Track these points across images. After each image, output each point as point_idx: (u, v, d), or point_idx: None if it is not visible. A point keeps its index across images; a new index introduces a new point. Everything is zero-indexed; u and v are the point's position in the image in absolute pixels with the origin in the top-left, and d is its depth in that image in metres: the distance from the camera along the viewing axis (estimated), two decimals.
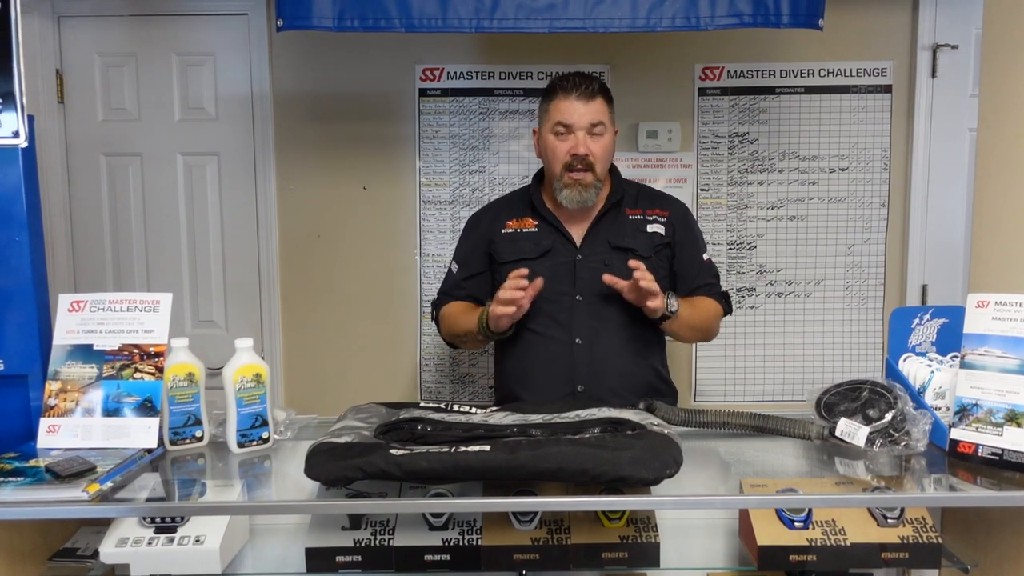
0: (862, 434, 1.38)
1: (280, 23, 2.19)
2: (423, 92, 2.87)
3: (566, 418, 1.41)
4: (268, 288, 2.93)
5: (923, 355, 1.58)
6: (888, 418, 1.38)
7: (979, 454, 1.31)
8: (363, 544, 1.35)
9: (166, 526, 1.34)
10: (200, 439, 1.49)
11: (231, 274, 2.96)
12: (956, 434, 1.34)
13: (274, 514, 1.49)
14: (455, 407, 1.48)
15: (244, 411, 1.46)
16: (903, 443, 1.36)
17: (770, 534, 1.33)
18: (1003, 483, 1.27)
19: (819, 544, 1.32)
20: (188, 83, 2.88)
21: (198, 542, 1.32)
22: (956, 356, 1.46)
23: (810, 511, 1.35)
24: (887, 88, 2.85)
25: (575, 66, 2.12)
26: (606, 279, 1.80)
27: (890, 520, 1.34)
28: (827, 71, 2.84)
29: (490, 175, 2.90)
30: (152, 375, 1.44)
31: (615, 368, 1.92)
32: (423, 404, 1.51)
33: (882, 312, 2.92)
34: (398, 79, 2.86)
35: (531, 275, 1.79)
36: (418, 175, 2.90)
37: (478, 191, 2.90)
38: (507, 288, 1.76)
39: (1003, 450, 1.28)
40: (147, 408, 1.42)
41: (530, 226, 1.98)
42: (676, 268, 2.00)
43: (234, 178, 2.92)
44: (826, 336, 2.94)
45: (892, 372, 1.55)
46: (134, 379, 1.43)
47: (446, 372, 2.98)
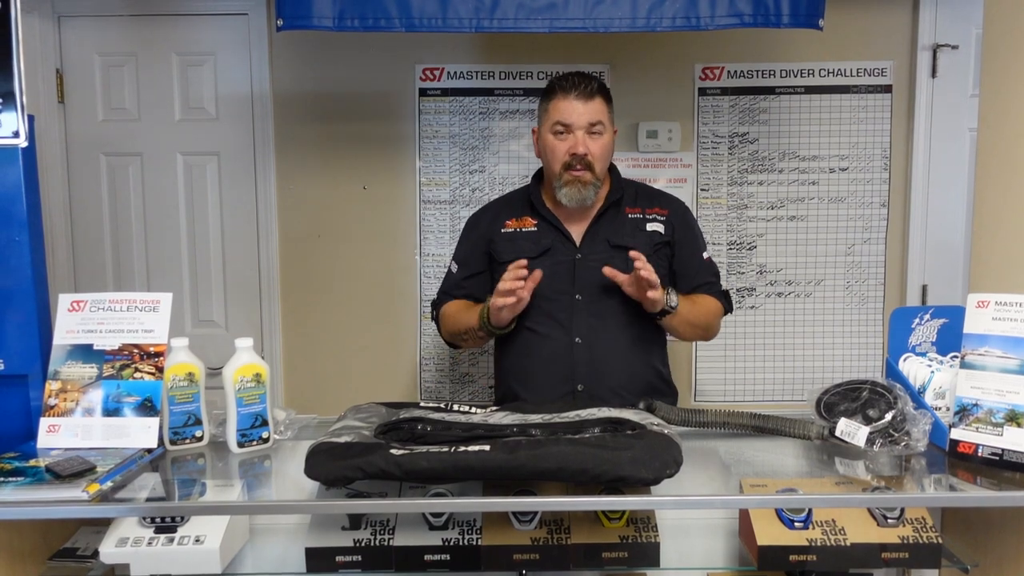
0: (862, 434, 1.38)
1: (280, 23, 2.19)
2: (423, 92, 2.87)
3: (566, 418, 1.41)
4: (268, 288, 2.93)
5: (923, 355, 1.58)
6: (888, 418, 1.38)
7: (979, 454, 1.31)
8: (363, 544, 1.35)
9: (166, 526, 1.34)
10: (200, 439, 1.49)
11: (231, 274, 2.96)
12: (956, 434, 1.34)
13: (274, 514, 1.49)
14: (455, 407, 1.48)
15: (244, 411, 1.46)
16: (903, 443, 1.36)
17: (770, 534, 1.33)
18: (1003, 483, 1.27)
19: (819, 544, 1.32)
20: (188, 83, 2.88)
21: (198, 542, 1.32)
22: (956, 356, 1.46)
23: (810, 511, 1.35)
24: (887, 88, 2.85)
25: (575, 66, 2.12)
26: (606, 271, 1.81)
27: (890, 520, 1.34)
28: (827, 71, 2.84)
29: (490, 175, 2.90)
30: (152, 375, 1.44)
31: (615, 367, 1.92)
32: (423, 404, 1.51)
33: (882, 312, 2.92)
34: (398, 79, 2.86)
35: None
36: (418, 175, 2.90)
37: (478, 191, 2.90)
38: (507, 279, 1.76)
39: (1003, 450, 1.28)
40: (147, 408, 1.42)
41: (530, 225, 1.98)
42: (676, 267, 2.00)
43: (234, 178, 2.92)
44: (826, 336, 2.94)
45: (892, 372, 1.55)
46: (134, 379, 1.43)
47: (446, 372, 2.98)
